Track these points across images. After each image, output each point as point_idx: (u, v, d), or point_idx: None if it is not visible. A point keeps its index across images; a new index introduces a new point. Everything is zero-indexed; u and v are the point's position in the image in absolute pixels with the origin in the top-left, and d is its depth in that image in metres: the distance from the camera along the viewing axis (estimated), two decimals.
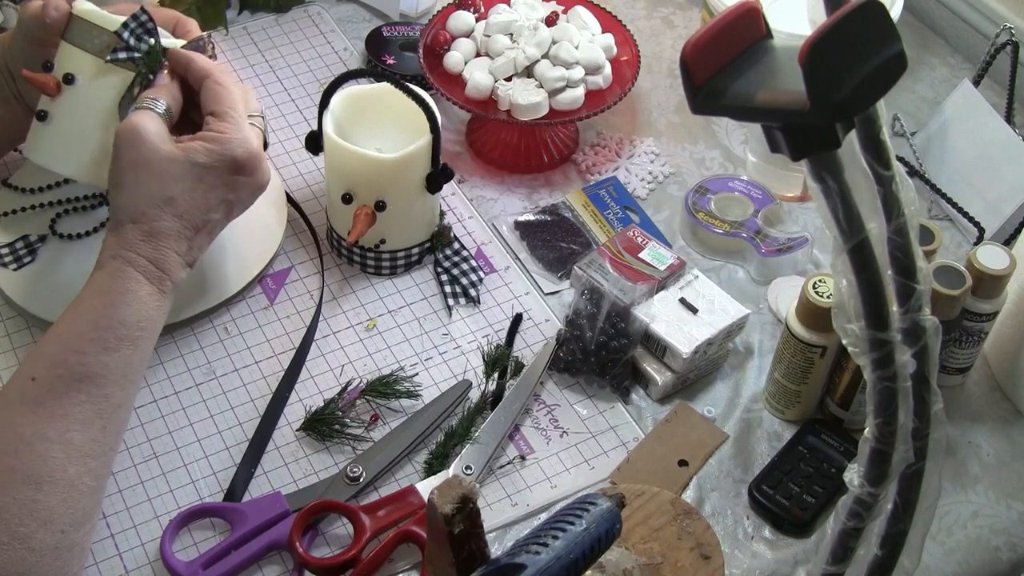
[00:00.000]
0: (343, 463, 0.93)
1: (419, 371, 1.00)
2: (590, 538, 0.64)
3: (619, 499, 0.67)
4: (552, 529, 0.64)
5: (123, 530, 0.90)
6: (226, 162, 0.90)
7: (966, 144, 1.16)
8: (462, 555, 0.67)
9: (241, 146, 0.91)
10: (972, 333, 0.98)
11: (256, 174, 0.93)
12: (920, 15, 1.37)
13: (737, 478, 0.95)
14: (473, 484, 0.67)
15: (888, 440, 0.65)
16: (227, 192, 0.92)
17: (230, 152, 0.90)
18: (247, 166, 0.92)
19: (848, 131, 0.57)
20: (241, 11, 1.32)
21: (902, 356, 0.63)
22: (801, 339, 0.93)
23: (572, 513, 0.66)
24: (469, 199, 1.15)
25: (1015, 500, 0.95)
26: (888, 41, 0.54)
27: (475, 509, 0.66)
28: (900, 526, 0.69)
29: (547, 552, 0.63)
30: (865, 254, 0.60)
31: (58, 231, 1.06)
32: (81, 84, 0.95)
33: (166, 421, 0.96)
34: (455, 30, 1.18)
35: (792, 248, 1.08)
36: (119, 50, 0.94)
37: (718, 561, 0.88)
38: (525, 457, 0.95)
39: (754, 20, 0.60)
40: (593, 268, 1.02)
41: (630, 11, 1.35)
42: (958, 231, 1.14)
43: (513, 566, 0.62)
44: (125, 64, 0.94)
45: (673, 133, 1.23)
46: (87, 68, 0.95)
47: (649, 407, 0.99)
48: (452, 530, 0.66)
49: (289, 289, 1.06)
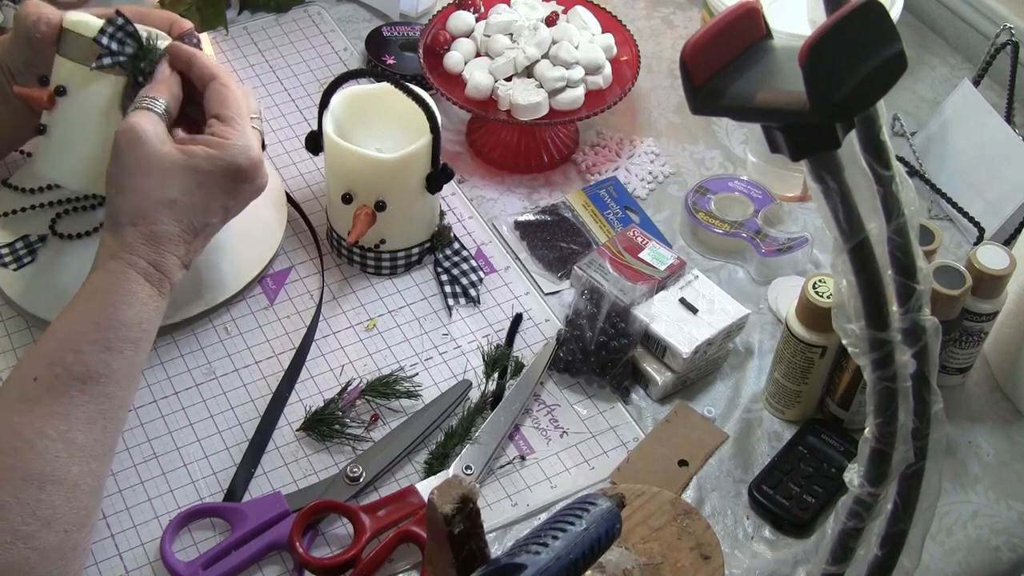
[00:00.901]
0: (343, 463, 0.93)
1: (419, 371, 1.00)
2: (590, 538, 0.64)
3: (619, 499, 0.67)
4: (552, 529, 0.64)
5: (123, 530, 0.89)
6: (229, 169, 0.90)
7: (966, 144, 1.16)
8: (462, 555, 0.67)
9: (244, 153, 0.91)
10: (972, 333, 0.98)
11: (256, 180, 0.93)
12: (920, 15, 1.37)
13: (737, 478, 0.95)
14: (473, 484, 0.67)
15: (888, 440, 0.65)
16: (227, 198, 0.92)
17: (233, 159, 0.90)
18: (248, 173, 0.92)
19: (848, 131, 0.57)
20: (241, 11, 1.32)
21: (902, 356, 0.63)
22: (801, 339, 0.93)
23: (572, 513, 0.66)
24: (469, 199, 1.15)
25: (1015, 500, 0.95)
26: (888, 41, 0.54)
27: (475, 509, 0.67)
28: (900, 526, 0.69)
29: (547, 552, 0.63)
30: (865, 254, 0.60)
31: (58, 231, 1.06)
32: (73, 94, 0.95)
33: (166, 421, 0.96)
34: (455, 30, 1.18)
35: (792, 248, 1.08)
36: (103, 56, 0.93)
37: (718, 561, 0.88)
38: (525, 457, 0.95)
39: (754, 20, 0.60)
40: (593, 268, 1.02)
41: (630, 11, 1.35)
42: (958, 231, 1.14)
43: (513, 566, 0.62)
44: (113, 70, 0.94)
45: (673, 133, 1.23)
46: (78, 78, 0.95)
47: (649, 407, 0.99)
48: (452, 530, 0.66)
49: (289, 289, 1.06)
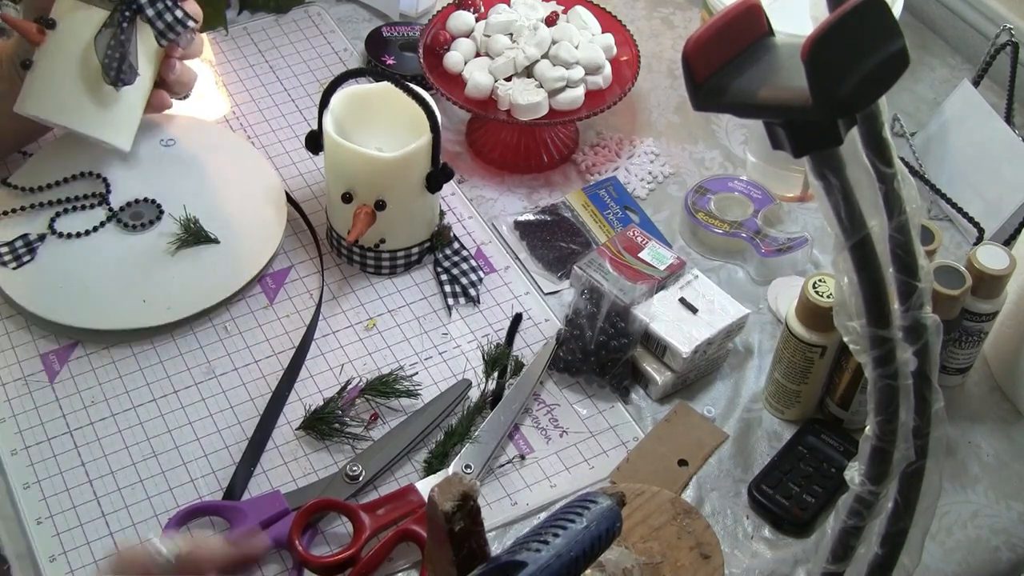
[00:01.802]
0: (342, 462, 0.93)
1: (419, 370, 1.00)
2: (590, 536, 0.64)
3: (620, 497, 0.67)
4: (553, 527, 0.64)
5: (122, 528, 0.89)
6: None
7: (966, 144, 1.16)
8: (462, 553, 0.67)
9: None
10: (972, 333, 0.98)
11: None
12: (920, 15, 1.37)
13: (737, 478, 0.95)
14: (474, 482, 0.66)
15: (889, 438, 0.65)
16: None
17: None
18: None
19: (850, 128, 0.57)
20: (241, 11, 1.32)
21: (903, 354, 0.63)
22: (801, 339, 0.93)
23: (572, 511, 0.65)
24: (469, 199, 1.15)
25: (1015, 500, 0.95)
26: (890, 37, 0.54)
27: (475, 507, 0.66)
28: (901, 524, 0.69)
29: (547, 550, 0.62)
30: (866, 251, 0.60)
31: (57, 230, 1.06)
32: (61, 27, 0.94)
33: (165, 420, 0.96)
34: (455, 30, 1.18)
35: (792, 248, 1.08)
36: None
37: (718, 560, 0.88)
38: (525, 456, 0.95)
39: (755, 17, 0.60)
40: (593, 268, 1.02)
41: (630, 11, 1.36)
42: (958, 231, 1.15)
43: (514, 563, 0.62)
44: (102, 3, 0.93)
45: (673, 133, 1.23)
46: (66, 9, 0.94)
47: (649, 407, 0.99)
48: (452, 528, 0.66)
49: (289, 288, 1.06)
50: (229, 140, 1.17)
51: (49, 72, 0.95)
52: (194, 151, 1.13)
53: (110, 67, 0.97)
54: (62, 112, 0.95)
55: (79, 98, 0.93)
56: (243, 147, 1.16)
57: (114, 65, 0.97)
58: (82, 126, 0.97)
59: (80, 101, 0.92)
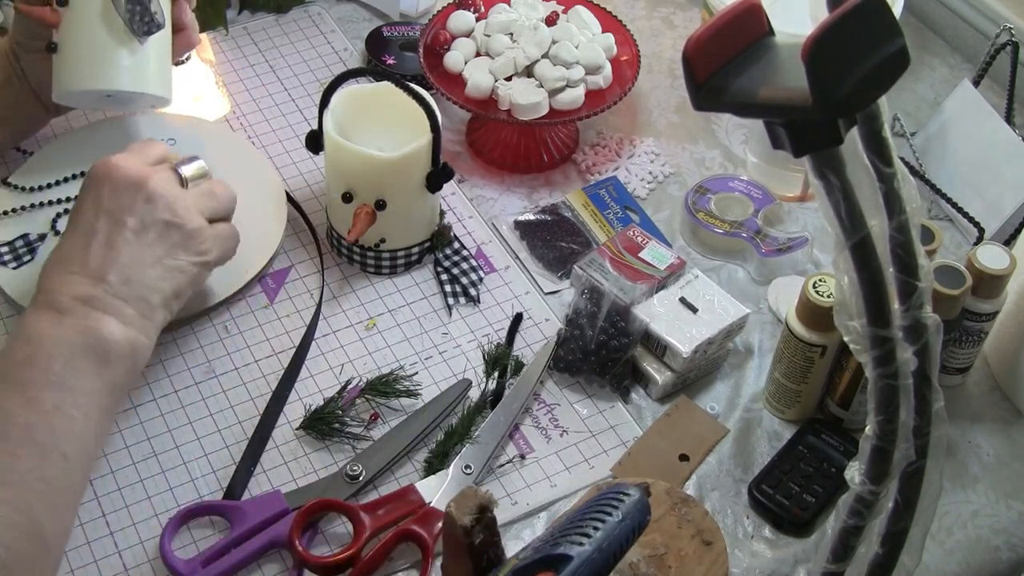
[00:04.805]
0: (343, 462, 0.93)
1: (419, 370, 1.00)
2: (626, 530, 0.64)
3: (646, 488, 0.67)
4: (591, 519, 0.63)
5: (122, 528, 0.89)
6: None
7: (966, 144, 1.16)
8: (482, 565, 0.67)
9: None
10: (972, 333, 0.98)
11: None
12: (920, 15, 1.37)
13: (737, 477, 0.95)
14: (489, 493, 0.66)
15: (889, 438, 0.65)
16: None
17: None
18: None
19: (850, 128, 0.57)
20: (241, 11, 1.32)
21: (903, 353, 0.63)
22: (801, 339, 0.93)
23: (607, 504, 0.65)
24: (469, 199, 1.15)
25: (1015, 500, 0.95)
26: (890, 37, 0.54)
27: (493, 518, 0.66)
28: (901, 524, 0.69)
29: (590, 543, 0.62)
30: (867, 251, 0.60)
31: (58, 230, 1.06)
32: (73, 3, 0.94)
33: (165, 419, 0.96)
34: (455, 30, 1.18)
35: (792, 248, 1.08)
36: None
37: (720, 546, 0.88)
38: (525, 456, 0.95)
39: (756, 17, 0.60)
40: (593, 268, 1.02)
41: (630, 11, 1.36)
42: (958, 231, 1.15)
43: (560, 556, 0.61)
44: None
45: (673, 133, 1.23)
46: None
47: (649, 406, 0.99)
48: (472, 541, 0.65)
49: (289, 288, 1.06)
50: (229, 140, 1.17)
51: (75, 44, 0.95)
52: (194, 151, 1.13)
53: (134, 19, 0.97)
54: (98, 78, 0.95)
55: (112, 60, 0.92)
56: (243, 147, 1.16)
57: (137, 16, 0.97)
58: (124, 84, 0.97)
59: (114, 62, 0.92)
